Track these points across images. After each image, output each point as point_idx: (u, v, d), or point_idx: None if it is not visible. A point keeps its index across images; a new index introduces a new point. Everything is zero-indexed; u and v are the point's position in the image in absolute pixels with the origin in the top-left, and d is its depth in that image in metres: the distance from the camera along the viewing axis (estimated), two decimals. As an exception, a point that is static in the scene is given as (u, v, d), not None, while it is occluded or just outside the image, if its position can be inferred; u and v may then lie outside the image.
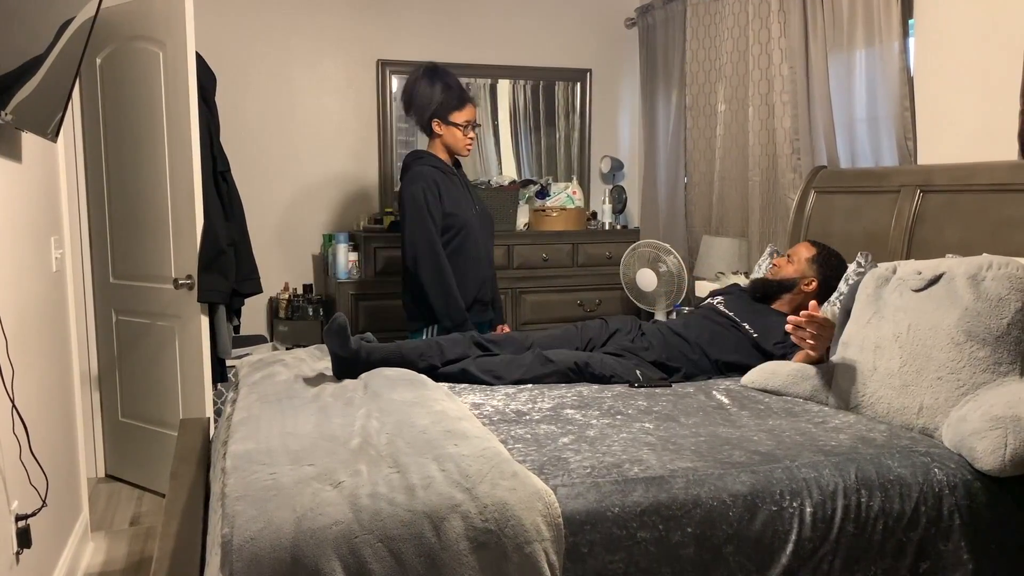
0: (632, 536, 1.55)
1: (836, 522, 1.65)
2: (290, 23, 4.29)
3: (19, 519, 2.16)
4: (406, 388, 2.14)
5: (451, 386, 2.35)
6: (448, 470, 1.57)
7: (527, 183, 4.62)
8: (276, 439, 1.78)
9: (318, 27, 4.34)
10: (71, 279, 3.03)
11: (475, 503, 1.48)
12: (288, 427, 1.87)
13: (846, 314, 2.27)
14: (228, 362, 3.54)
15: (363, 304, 4.05)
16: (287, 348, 3.81)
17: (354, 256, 4.10)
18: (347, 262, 4.08)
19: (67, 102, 2.37)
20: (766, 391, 2.32)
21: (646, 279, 3.85)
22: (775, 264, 2.87)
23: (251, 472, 1.58)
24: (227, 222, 3.40)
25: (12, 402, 2.11)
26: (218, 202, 3.37)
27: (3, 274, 2.15)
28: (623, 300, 4.31)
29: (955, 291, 1.98)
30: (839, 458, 1.75)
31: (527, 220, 4.48)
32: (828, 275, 2.77)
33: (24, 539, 2.17)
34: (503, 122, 4.72)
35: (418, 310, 3.08)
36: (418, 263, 2.98)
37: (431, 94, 3.06)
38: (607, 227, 4.56)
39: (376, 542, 1.41)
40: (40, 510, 2.27)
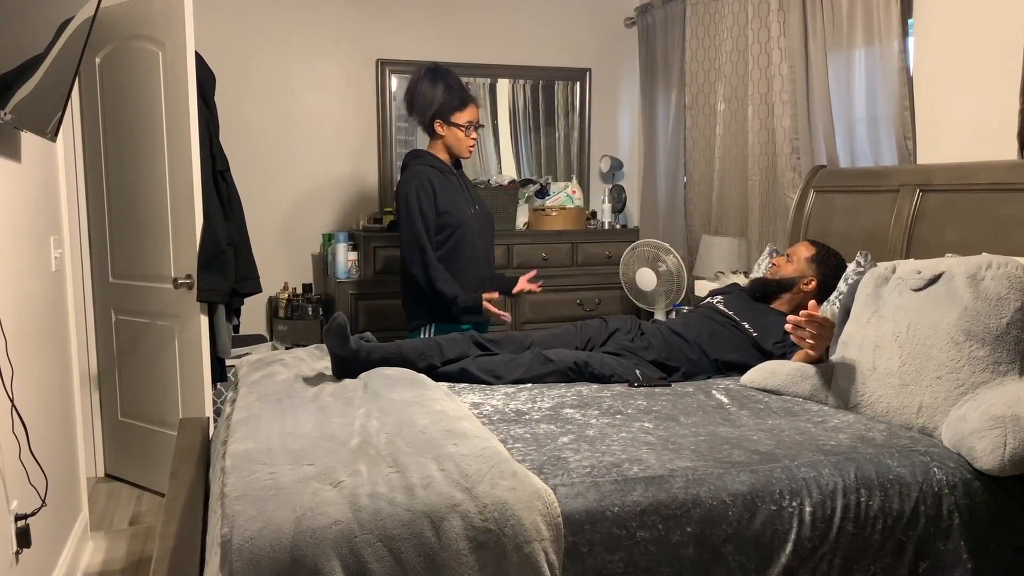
0: (632, 536, 1.55)
1: (835, 521, 1.65)
2: (290, 22, 4.29)
3: (18, 519, 2.16)
4: (406, 388, 2.14)
5: (451, 386, 2.35)
6: (448, 470, 1.57)
7: (526, 182, 4.62)
8: (276, 439, 1.78)
9: (318, 26, 4.34)
10: (70, 279, 3.03)
11: (475, 503, 1.48)
12: (288, 427, 1.87)
13: (845, 313, 2.27)
14: (228, 362, 3.54)
15: (363, 304, 4.05)
16: (287, 348, 3.81)
17: (354, 255, 4.10)
18: (347, 261, 4.08)
19: (66, 102, 2.37)
20: (765, 390, 2.32)
21: (646, 278, 3.85)
22: (774, 263, 2.87)
23: (251, 472, 1.58)
24: (227, 221, 3.40)
25: (12, 402, 2.11)
26: (217, 201, 3.37)
27: (2, 274, 2.15)
28: (623, 299, 4.31)
29: (955, 290, 1.98)
30: (838, 457, 1.75)
31: (527, 220, 4.48)
32: (827, 274, 2.77)
33: (24, 539, 2.17)
34: (503, 122, 4.72)
35: (416, 309, 3.08)
36: (408, 262, 3.00)
37: (433, 95, 3.06)
38: (607, 227, 4.56)
39: (376, 542, 1.41)
40: (39, 510, 2.27)
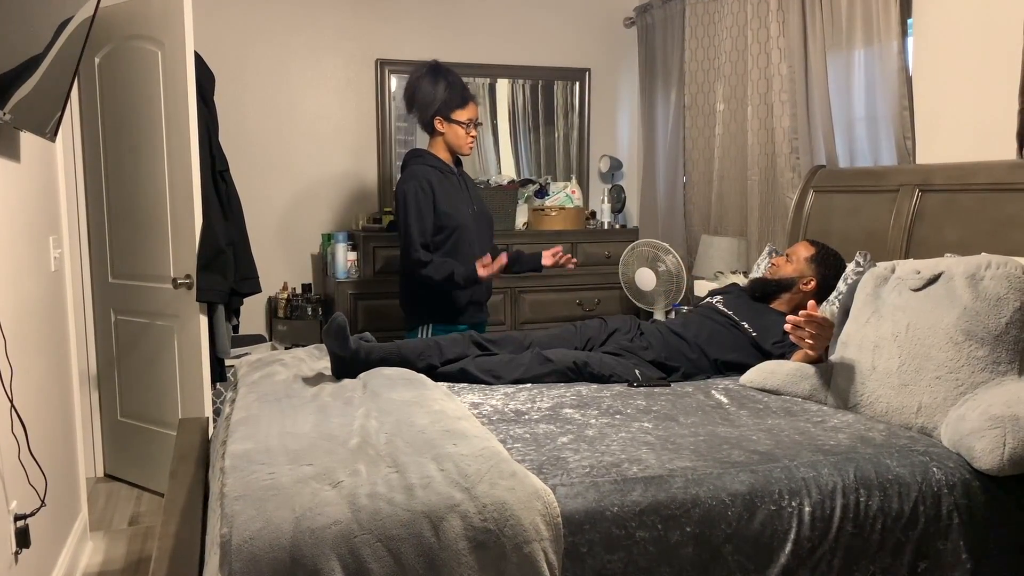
0: (631, 536, 1.55)
1: (835, 521, 1.65)
2: (289, 22, 4.29)
3: (18, 519, 2.16)
4: (405, 388, 2.14)
5: (450, 386, 2.35)
6: (447, 470, 1.57)
7: (526, 182, 4.62)
8: (275, 439, 1.78)
9: (317, 26, 4.33)
10: (70, 279, 3.03)
11: (474, 503, 1.48)
12: (287, 427, 1.87)
13: (845, 313, 2.27)
14: (227, 362, 3.54)
15: (362, 304, 4.04)
16: (286, 348, 3.81)
17: (353, 255, 4.10)
18: (346, 261, 4.08)
19: (65, 101, 2.37)
20: (765, 390, 2.32)
21: (645, 278, 3.85)
22: (774, 263, 2.87)
23: (250, 472, 1.58)
24: (226, 221, 3.40)
25: (11, 402, 2.10)
26: (217, 202, 3.37)
27: (2, 274, 2.15)
28: (622, 299, 4.31)
29: (954, 290, 1.98)
30: (838, 457, 1.75)
31: (526, 219, 4.48)
32: (827, 274, 2.77)
33: (23, 539, 2.17)
34: (502, 121, 4.71)
35: (414, 309, 3.08)
36: (409, 261, 3.00)
37: (434, 92, 3.07)
38: (606, 226, 4.56)
39: (375, 542, 1.41)
40: (39, 510, 2.27)
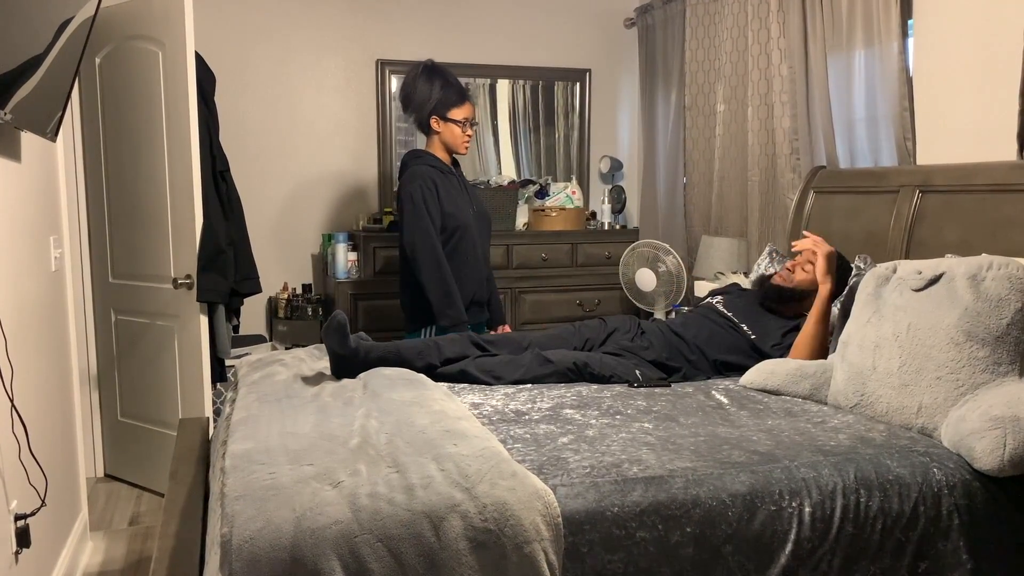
0: (631, 536, 1.55)
1: (835, 522, 1.65)
2: (289, 22, 4.29)
3: (18, 519, 2.16)
4: (405, 388, 2.14)
5: (450, 386, 2.35)
6: (447, 470, 1.56)
7: (526, 183, 4.62)
8: (275, 439, 1.78)
9: (318, 27, 4.34)
10: (70, 279, 3.03)
11: (474, 503, 1.48)
12: (287, 427, 1.87)
13: (846, 314, 2.27)
14: (227, 362, 3.54)
15: (362, 304, 4.04)
16: (286, 348, 3.81)
17: (353, 256, 4.10)
18: (346, 262, 4.08)
19: (66, 101, 2.37)
20: (765, 391, 2.32)
21: (645, 279, 3.85)
22: (788, 267, 2.74)
23: (250, 472, 1.58)
24: (226, 222, 3.40)
25: (11, 401, 2.11)
26: (217, 202, 3.37)
27: (2, 274, 2.15)
28: (622, 300, 4.31)
29: (955, 291, 1.98)
30: (838, 458, 1.75)
31: (526, 220, 4.48)
32: (838, 283, 2.70)
33: (23, 539, 2.17)
34: (502, 122, 4.71)
35: (417, 311, 3.07)
36: (418, 263, 2.96)
37: (430, 91, 3.06)
38: (606, 227, 4.56)
39: (375, 542, 1.41)
40: (39, 510, 2.27)
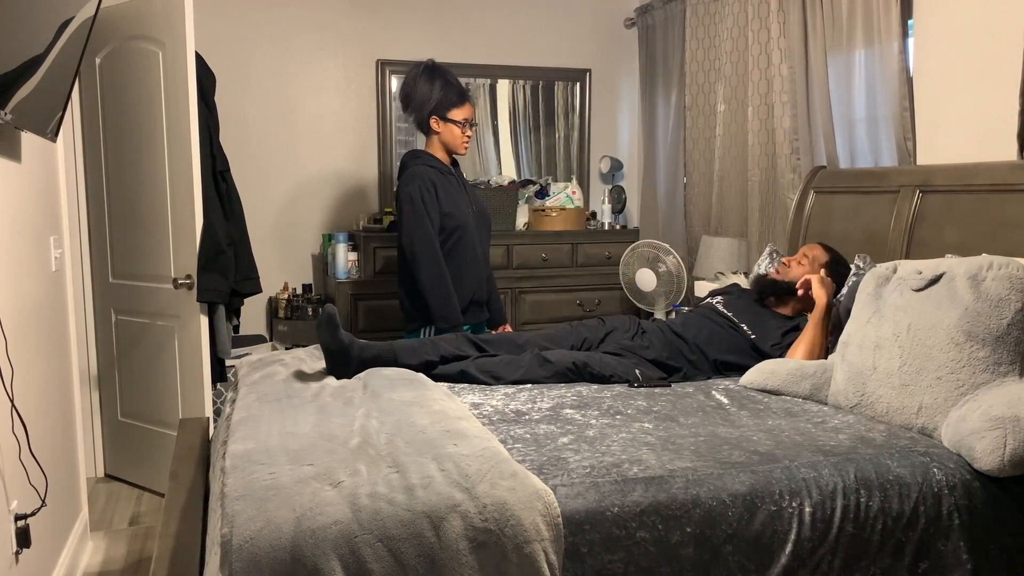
0: (631, 536, 1.55)
1: (835, 522, 1.65)
2: (290, 23, 4.29)
3: (18, 519, 2.16)
4: (405, 388, 2.14)
5: (450, 386, 2.35)
6: (447, 470, 1.57)
7: (526, 183, 4.62)
8: (275, 439, 1.78)
9: (318, 27, 4.34)
10: (70, 279, 3.03)
11: (474, 503, 1.48)
12: (287, 427, 1.87)
13: (846, 314, 2.27)
14: (227, 362, 3.54)
15: (362, 304, 4.05)
16: (286, 348, 3.81)
17: (353, 256, 4.10)
18: (347, 262, 4.08)
19: (66, 102, 2.37)
20: (765, 391, 2.32)
21: (645, 279, 3.85)
22: (784, 263, 2.80)
23: (250, 472, 1.58)
24: (226, 222, 3.40)
25: (11, 402, 2.11)
26: (217, 202, 3.37)
27: (2, 274, 2.15)
28: (622, 300, 4.31)
29: (955, 291, 1.98)
30: (838, 458, 1.75)
31: (526, 220, 4.48)
32: (836, 281, 2.72)
33: (23, 539, 2.17)
34: (502, 122, 4.72)
35: (415, 311, 3.07)
36: (416, 263, 2.96)
37: (430, 91, 3.06)
38: (606, 227, 4.56)
39: (376, 542, 1.41)
40: (39, 510, 2.27)
